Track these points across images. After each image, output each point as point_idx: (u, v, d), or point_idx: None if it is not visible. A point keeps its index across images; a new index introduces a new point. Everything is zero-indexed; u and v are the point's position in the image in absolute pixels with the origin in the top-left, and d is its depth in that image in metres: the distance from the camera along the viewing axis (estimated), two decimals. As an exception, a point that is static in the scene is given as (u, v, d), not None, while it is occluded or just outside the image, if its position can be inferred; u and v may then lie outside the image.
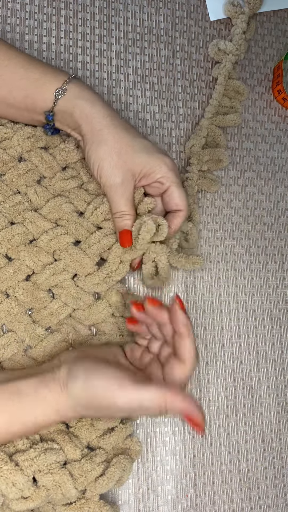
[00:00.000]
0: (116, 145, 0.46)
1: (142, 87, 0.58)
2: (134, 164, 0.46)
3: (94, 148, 0.46)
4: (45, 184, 0.50)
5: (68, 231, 0.49)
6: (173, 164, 0.47)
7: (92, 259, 0.49)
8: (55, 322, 0.48)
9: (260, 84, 0.63)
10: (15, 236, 0.47)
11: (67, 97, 0.46)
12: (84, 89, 0.47)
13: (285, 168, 0.61)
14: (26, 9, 0.55)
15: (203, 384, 0.53)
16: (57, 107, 0.46)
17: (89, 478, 0.42)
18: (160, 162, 0.47)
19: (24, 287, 0.47)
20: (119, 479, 0.44)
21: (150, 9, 0.60)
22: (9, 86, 0.46)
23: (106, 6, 0.58)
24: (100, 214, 0.49)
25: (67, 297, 0.48)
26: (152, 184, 0.48)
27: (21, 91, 0.46)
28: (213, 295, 0.55)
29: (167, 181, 0.47)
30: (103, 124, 0.46)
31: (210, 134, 0.57)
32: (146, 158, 0.46)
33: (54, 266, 0.48)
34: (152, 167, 0.46)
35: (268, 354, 0.55)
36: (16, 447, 0.41)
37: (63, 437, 0.43)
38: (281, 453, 0.53)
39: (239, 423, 0.53)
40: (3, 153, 0.49)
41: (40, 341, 0.47)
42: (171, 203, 0.48)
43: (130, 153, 0.46)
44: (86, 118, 0.46)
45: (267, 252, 0.58)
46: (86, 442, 0.45)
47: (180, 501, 0.49)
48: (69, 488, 0.41)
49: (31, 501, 0.40)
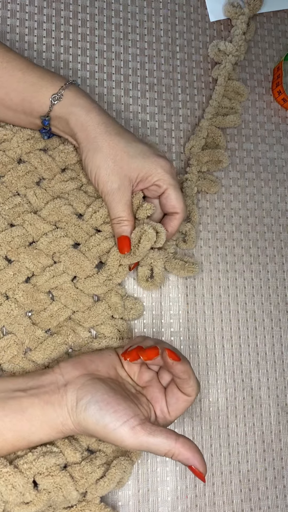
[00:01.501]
0: (111, 152, 0.46)
1: (141, 88, 0.58)
2: (130, 169, 0.46)
3: (90, 156, 0.46)
4: (44, 186, 0.50)
5: (67, 234, 0.49)
6: (169, 166, 0.47)
7: (91, 262, 0.49)
8: (55, 324, 0.48)
9: (260, 85, 0.63)
10: (15, 238, 0.47)
11: (62, 104, 0.46)
12: (80, 96, 0.47)
13: (285, 169, 0.61)
14: (26, 10, 0.55)
15: (203, 385, 0.53)
16: (53, 112, 0.46)
17: (90, 480, 0.42)
18: (156, 165, 0.47)
19: (24, 289, 0.47)
20: (120, 480, 0.44)
21: (150, 10, 0.60)
22: (7, 88, 0.46)
23: (106, 7, 0.58)
24: (99, 218, 0.49)
25: (67, 299, 0.48)
26: (150, 187, 0.48)
27: (19, 94, 0.46)
28: (213, 296, 0.55)
29: (164, 183, 0.47)
30: (97, 131, 0.46)
31: (210, 135, 0.57)
32: (141, 162, 0.46)
33: (54, 269, 0.48)
34: (148, 170, 0.46)
35: (268, 355, 0.55)
36: (15, 453, 0.41)
37: (63, 440, 0.43)
38: (281, 454, 0.53)
39: (239, 424, 0.53)
40: (2, 155, 0.49)
41: (40, 343, 0.47)
42: (168, 205, 0.48)
43: (125, 158, 0.46)
44: (81, 126, 0.46)
45: (267, 253, 0.58)
46: (86, 445, 0.45)
47: (180, 502, 0.49)
48: (70, 490, 0.41)
49: (32, 506, 0.40)
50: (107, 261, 0.49)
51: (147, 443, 0.38)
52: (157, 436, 0.38)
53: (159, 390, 0.43)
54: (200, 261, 0.55)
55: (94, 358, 0.44)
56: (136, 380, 0.45)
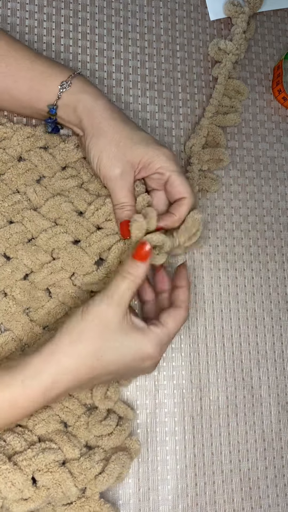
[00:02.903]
0: (115, 137, 0.46)
1: (142, 87, 0.58)
2: (133, 155, 0.46)
3: (94, 141, 0.46)
4: (45, 184, 0.50)
5: (67, 230, 0.49)
6: (172, 154, 0.48)
7: (91, 258, 0.49)
8: (52, 321, 0.48)
9: (260, 84, 0.63)
10: (13, 235, 0.47)
11: (71, 91, 0.47)
12: (89, 84, 0.48)
13: (285, 167, 0.61)
14: (26, 9, 0.55)
15: (204, 383, 0.52)
16: (61, 100, 0.47)
17: (89, 476, 0.42)
18: (158, 152, 0.47)
19: (21, 286, 0.47)
20: (119, 475, 0.45)
21: (150, 9, 0.60)
22: (15, 76, 0.46)
23: (106, 5, 0.58)
24: (101, 215, 0.49)
25: (65, 296, 0.48)
26: (152, 175, 0.48)
27: (26, 82, 0.46)
28: (213, 295, 0.55)
29: (167, 170, 0.47)
30: (103, 117, 0.46)
31: (210, 133, 0.57)
32: (144, 149, 0.46)
33: (52, 265, 0.48)
34: (150, 157, 0.46)
35: (269, 353, 0.55)
36: (14, 449, 0.41)
37: (61, 437, 0.43)
38: (281, 452, 0.53)
39: (240, 422, 0.53)
40: (2, 153, 0.49)
41: (38, 339, 0.47)
42: (174, 192, 0.48)
43: (129, 144, 0.46)
44: (88, 112, 0.47)
45: (267, 251, 0.58)
46: (84, 441, 0.45)
47: (180, 501, 0.49)
48: (70, 486, 0.41)
49: (31, 502, 0.40)
50: (107, 258, 0.49)
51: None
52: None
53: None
54: (200, 259, 0.55)
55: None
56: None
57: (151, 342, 0.42)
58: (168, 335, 0.43)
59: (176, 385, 0.52)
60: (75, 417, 0.45)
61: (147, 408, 0.50)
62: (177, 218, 0.48)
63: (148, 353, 0.42)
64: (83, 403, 0.46)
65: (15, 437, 0.42)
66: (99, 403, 0.45)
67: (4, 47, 0.46)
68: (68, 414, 0.45)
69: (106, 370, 0.41)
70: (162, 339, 0.42)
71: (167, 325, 0.43)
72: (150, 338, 0.42)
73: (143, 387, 0.51)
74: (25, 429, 0.43)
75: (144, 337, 0.41)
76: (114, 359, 0.40)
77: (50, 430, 0.44)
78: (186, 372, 0.52)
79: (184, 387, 0.52)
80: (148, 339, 0.41)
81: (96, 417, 0.45)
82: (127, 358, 0.41)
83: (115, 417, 0.46)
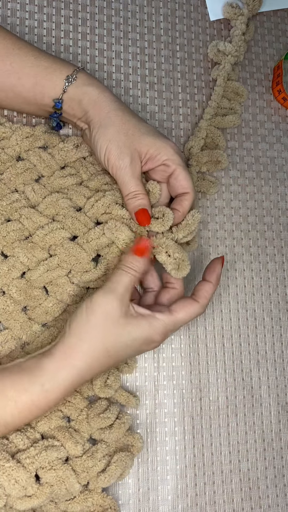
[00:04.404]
0: (123, 126, 0.46)
1: (142, 87, 0.58)
2: (141, 145, 0.47)
3: (101, 131, 0.47)
4: (43, 183, 0.50)
5: (64, 226, 0.48)
6: (178, 148, 0.48)
7: (89, 254, 0.48)
8: (51, 319, 0.48)
9: (260, 84, 0.63)
10: (10, 233, 0.47)
11: (76, 84, 0.47)
12: (93, 78, 0.48)
13: (285, 168, 0.61)
14: (26, 9, 0.55)
15: (203, 384, 0.52)
16: (67, 94, 0.47)
17: (91, 473, 0.43)
18: (166, 144, 0.47)
19: (18, 285, 0.47)
20: (120, 474, 0.45)
21: (150, 9, 0.60)
22: (19, 73, 0.46)
23: (106, 6, 0.59)
24: (101, 206, 0.48)
25: (63, 294, 0.48)
26: (157, 168, 0.48)
27: (31, 78, 0.47)
28: (213, 295, 0.55)
29: (173, 163, 0.47)
30: (111, 107, 0.47)
31: (209, 135, 0.57)
32: (152, 140, 0.47)
33: (48, 262, 0.47)
34: (158, 148, 0.47)
35: (268, 354, 0.55)
36: (17, 447, 0.41)
37: (64, 434, 0.43)
38: (281, 453, 0.53)
39: (239, 423, 0.53)
40: (1, 153, 0.49)
41: (37, 337, 0.47)
42: (177, 185, 0.48)
43: (137, 134, 0.47)
44: (94, 104, 0.47)
45: (267, 252, 0.58)
46: (88, 435, 0.45)
47: (180, 501, 0.49)
48: (73, 482, 0.42)
49: (35, 499, 0.40)
50: (106, 255, 0.48)
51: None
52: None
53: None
54: (200, 259, 0.55)
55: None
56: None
57: (156, 330, 0.43)
58: (175, 323, 0.44)
59: (176, 386, 0.52)
60: (77, 411, 0.45)
61: (147, 408, 0.50)
62: (181, 214, 0.48)
63: (153, 339, 0.43)
64: (85, 396, 0.46)
65: (17, 435, 0.42)
66: (99, 392, 0.45)
67: (8, 45, 0.47)
68: (71, 408, 0.45)
69: (116, 361, 0.43)
70: (167, 326, 0.43)
71: (176, 314, 0.44)
72: (155, 326, 0.43)
73: (143, 387, 0.51)
74: (27, 427, 0.43)
75: (150, 325, 0.42)
76: (123, 350, 0.42)
77: (52, 427, 0.44)
78: (186, 373, 0.52)
79: (184, 387, 0.52)
80: (154, 327, 0.43)
81: (96, 410, 0.45)
82: (135, 346, 0.43)
83: (115, 410, 0.46)
